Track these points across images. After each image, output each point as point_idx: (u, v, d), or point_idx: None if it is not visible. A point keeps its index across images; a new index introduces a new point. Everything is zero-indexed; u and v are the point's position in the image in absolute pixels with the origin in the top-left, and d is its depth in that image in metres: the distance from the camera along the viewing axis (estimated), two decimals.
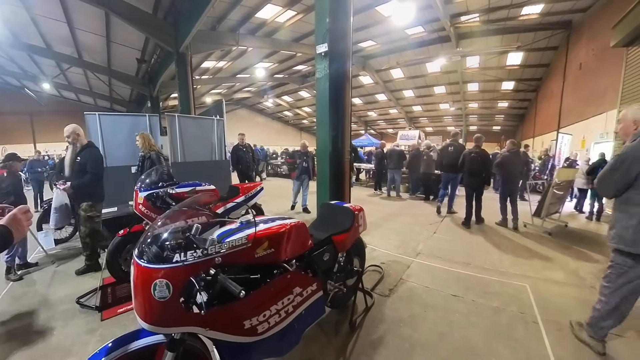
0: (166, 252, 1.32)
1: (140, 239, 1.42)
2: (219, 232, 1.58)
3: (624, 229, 1.99)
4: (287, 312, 1.63)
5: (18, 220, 1.06)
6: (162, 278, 1.23)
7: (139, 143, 4.25)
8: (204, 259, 1.33)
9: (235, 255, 1.45)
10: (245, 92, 23.96)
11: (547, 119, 15.40)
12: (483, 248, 4.62)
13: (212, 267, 1.33)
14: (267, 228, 1.69)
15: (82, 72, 14.17)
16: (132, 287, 1.30)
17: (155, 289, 1.22)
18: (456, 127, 28.15)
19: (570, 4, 10.12)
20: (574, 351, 2.24)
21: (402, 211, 7.31)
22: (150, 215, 3.16)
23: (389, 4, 9.96)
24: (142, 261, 1.29)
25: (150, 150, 4.21)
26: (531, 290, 3.22)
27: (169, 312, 1.24)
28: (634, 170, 1.91)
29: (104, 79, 14.82)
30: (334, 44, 3.61)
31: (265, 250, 1.59)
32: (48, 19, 8.73)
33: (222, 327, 1.37)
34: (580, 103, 11.08)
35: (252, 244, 1.50)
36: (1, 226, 1.02)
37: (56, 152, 19.65)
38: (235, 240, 1.45)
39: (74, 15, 8.40)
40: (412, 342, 2.29)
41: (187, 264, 1.28)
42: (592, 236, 5.45)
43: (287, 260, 1.74)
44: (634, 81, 6.91)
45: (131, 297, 2.84)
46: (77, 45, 10.80)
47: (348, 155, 4.09)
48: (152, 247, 1.36)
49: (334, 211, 2.68)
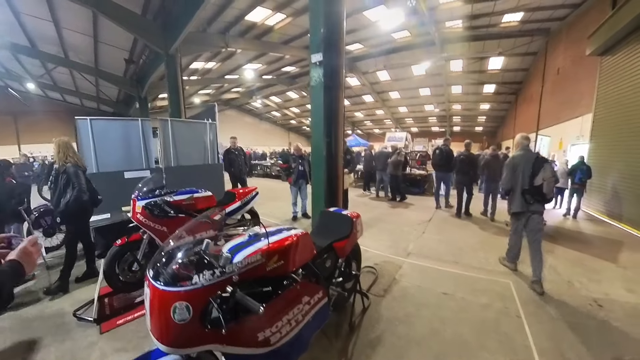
0: (184, 273, 1.31)
1: (154, 258, 1.42)
2: (229, 247, 1.59)
3: (512, 202, 3.67)
4: (297, 320, 1.66)
5: (29, 254, 1.04)
6: (182, 301, 1.22)
7: (53, 152, 3.41)
8: (223, 278, 1.34)
9: (250, 271, 1.47)
10: (233, 92, 23.77)
11: (527, 121, 16.07)
12: (469, 247, 4.85)
13: (230, 285, 1.34)
14: (276, 241, 1.71)
15: (68, 72, 13.75)
16: (148, 309, 1.29)
17: (175, 312, 1.21)
18: (440, 128, 29.10)
19: (548, 13, 10.66)
20: (553, 341, 2.45)
21: (391, 211, 7.53)
22: (149, 224, 3.12)
23: (377, 9, 10.20)
24: (159, 283, 1.27)
25: (65, 162, 3.29)
26: (514, 286, 3.45)
27: (188, 333, 1.24)
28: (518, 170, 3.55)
29: (90, 79, 14.40)
30: (328, 53, 3.73)
31: (275, 262, 1.62)
32: (33, 18, 8.46)
33: (238, 342, 1.38)
34: (558, 106, 11.66)
35: (265, 258, 1.54)
36: (13, 261, 0.99)
37: (41, 154, 19.00)
38: (252, 257, 1.47)
39: (60, 15, 8.18)
40: (408, 340, 2.44)
41: (207, 285, 1.28)
42: (568, 234, 5.80)
43: (294, 270, 1.77)
44: (607, 87, 7.40)
45: (130, 308, 2.88)
46: (63, 45, 10.50)
47: (342, 160, 4.22)
48: (168, 268, 1.34)
49: (333, 219, 2.76)
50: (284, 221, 6.45)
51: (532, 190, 3.41)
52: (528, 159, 3.50)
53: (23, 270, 1.00)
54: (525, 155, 3.58)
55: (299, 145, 6.90)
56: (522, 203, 3.50)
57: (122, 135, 5.00)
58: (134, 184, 4.65)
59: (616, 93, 6.96)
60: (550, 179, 3.32)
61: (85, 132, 4.60)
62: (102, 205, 4.51)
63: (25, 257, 1.02)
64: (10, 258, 1.00)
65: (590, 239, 5.51)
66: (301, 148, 6.84)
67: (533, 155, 3.57)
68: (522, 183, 3.49)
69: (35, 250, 1.08)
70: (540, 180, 3.35)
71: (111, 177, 4.67)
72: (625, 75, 6.58)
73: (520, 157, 3.58)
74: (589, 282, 3.61)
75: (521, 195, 3.49)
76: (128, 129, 5.08)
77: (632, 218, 6.00)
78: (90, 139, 4.63)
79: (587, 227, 6.42)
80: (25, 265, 1.01)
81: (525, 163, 3.49)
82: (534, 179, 3.38)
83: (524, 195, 3.47)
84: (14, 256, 1.01)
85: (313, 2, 3.79)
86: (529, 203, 3.46)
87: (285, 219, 6.58)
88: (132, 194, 3.31)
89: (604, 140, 7.57)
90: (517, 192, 3.53)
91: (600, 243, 5.19)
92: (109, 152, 4.86)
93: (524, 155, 3.60)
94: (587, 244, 5.10)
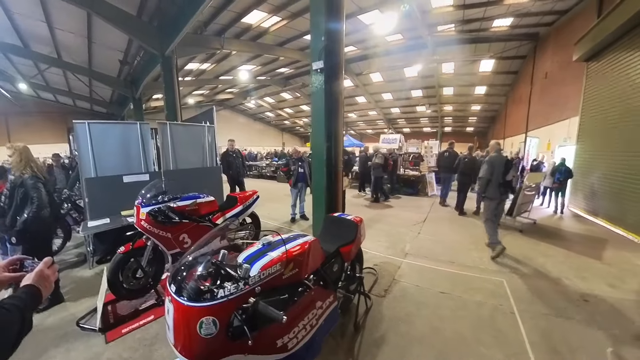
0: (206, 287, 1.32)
1: (173, 272, 1.44)
2: (244, 256, 1.62)
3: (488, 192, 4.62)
4: (311, 325, 1.72)
5: (46, 277, 0.99)
6: (209, 315, 1.23)
7: (11, 159, 2.98)
8: (247, 290, 1.37)
9: (270, 281, 1.51)
10: (227, 93, 23.65)
11: (516, 122, 16.49)
12: (463, 247, 5.03)
13: (252, 296, 1.37)
14: (291, 249, 1.75)
15: (61, 72, 13.48)
16: (172, 323, 1.29)
17: (202, 327, 1.22)
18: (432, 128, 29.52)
19: (536, 19, 10.99)
20: (544, 336, 2.62)
21: (387, 212, 7.70)
22: (153, 230, 3.13)
23: (371, 13, 10.36)
24: (183, 299, 1.28)
25: (23, 173, 2.91)
26: (507, 284, 3.63)
27: (213, 346, 1.26)
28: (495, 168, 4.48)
29: (84, 80, 14.15)
30: (328, 60, 3.83)
31: (291, 270, 1.67)
32: (26, 18, 8.29)
33: (259, 350, 1.42)
34: (546, 109, 12.02)
35: (283, 267, 1.60)
36: (30, 286, 0.93)
37: None
38: (271, 267, 1.52)
39: (54, 15, 8.04)
40: (410, 338, 2.57)
41: (232, 298, 1.30)
42: (556, 232, 6.06)
43: (307, 276, 1.84)
44: (593, 92, 7.71)
45: (135, 315, 2.97)
46: (56, 45, 10.29)
47: (342, 165, 4.33)
48: (191, 282, 1.35)
49: (338, 224, 2.85)
50: (283, 223, 6.54)
51: (505, 184, 4.53)
52: (501, 160, 4.62)
53: (41, 295, 0.94)
54: (499, 157, 4.68)
55: (296, 148, 6.97)
56: (497, 192, 4.57)
57: (120, 138, 4.97)
58: (133, 187, 4.71)
59: (601, 98, 7.27)
60: (517, 176, 4.64)
61: (83, 135, 4.57)
62: (101, 209, 4.55)
63: (42, 281, 0.96)
64: (26, 283, 0.94)
65: (575, 236, 5.77)
66: (299, 150, 6.90)
67: (504, 157, 4.78)
68: (497, 178, 4.54)
69: (52, 272, 1.03)
70: (511, 176, 4.55)
71: (110, 181, 4.64)
72: (609, 81, 6.88)
73: (496, 158, 4.67)
74: (576, 278, 3.81)
75: (497, 187, 4.55)
76: (126, 132, 5.06)
77: (613, 215, 6.32)
78: (89, 143, 4.61)
79: (572, 225, 6.71)
80: (42, 290, 0.95)
81: (499, 163, 4.55)
82: (506, 175, 4.50)
83: (499, 187, 4.54)
84: (30, 281, 0.94)
85: (315, 12, 3.89)
86: (502, 193, 4.59)
87: (284, 220, 6.68)
88: (135, 201, 3.30)
89: (589, 142, 7.89)
90: (493, 184, 4.58)
91: (584, 241, 5.45)
92: (107, 156, 4.82)
93: (498, 157, 4.69)
94: (572, 242, 5.36)
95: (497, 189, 4.55)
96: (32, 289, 0.93)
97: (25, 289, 0.92)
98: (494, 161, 4.60)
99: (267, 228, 5.71)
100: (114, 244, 4.19)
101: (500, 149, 4.88)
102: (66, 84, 15.88)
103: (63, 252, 4.75)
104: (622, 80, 6.38)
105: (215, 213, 3.92)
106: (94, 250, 4.22)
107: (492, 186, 4.58)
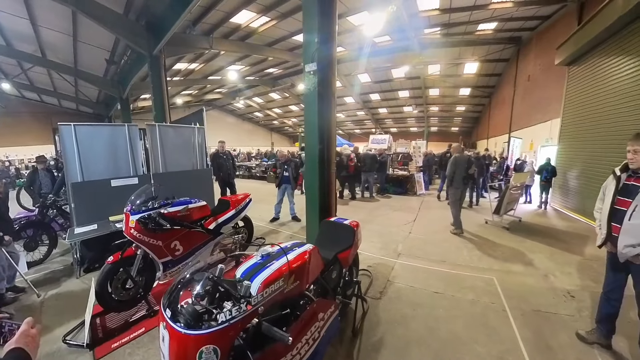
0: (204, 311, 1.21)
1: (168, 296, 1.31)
2: (242, 270, 1.51)
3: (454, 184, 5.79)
4: (314, 338, 1.64)
5: (32, 337, 0.92)
6: (209, 344, 1.12)
7: None
8: (249, 312, 1.26)
9: (273, 298, 1.41)
10: (216, 93, 23.30)
11: (500, 123, 16.99)
12: (453, 245, 5.15)
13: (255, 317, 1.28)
14: (292, 260, 1.64)
15: (46, 71, 12.95)
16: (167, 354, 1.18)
17: (202, 357, 1.11)
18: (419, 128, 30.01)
19: (519, 24, 11.35)
20: (536, 332, 2.71)
21: (377, 212, 7.81)
22: (143, 238, 2.98)
23: (360, 15, 10.44)
24: (180, 326, 1.15)
25: None
26: (498, 282, 3.74)
27: None
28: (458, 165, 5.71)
29: (69, 80, 13.63)
30: (321, 62, 3.84)
31: (292, 283, 1.57)
32: (8, 15, 7.92)
33: None
34: (529, 110, 12.45)
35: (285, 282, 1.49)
36: (18, 349, 0.85)
37: (17, 157, 17.97)
38: (274, 284, 1.41)
39: (37, 12, 7.72)
40: (407, 340, 2.60)
41: (234, 323, 1.19)
42: (541, 229, 6.28)
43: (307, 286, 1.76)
44: (574, 95, 8.04)
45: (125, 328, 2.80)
46: (40, 44, 9.89)
47: (334, 167, 4.34)
48: (187, 307, 1.23)
49: (334, 229, 2.80)
50: (269, 223, 6.58)
51: (467, 176, 5.84)
52: (464, 159, 5.90)
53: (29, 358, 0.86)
54: (462, 156, 5.96)
55: (282, 151, 6.96)
56: (461, 183, 5.78)
57: (107, 141, 4.80)
58: (122, 192, 4.57)
59: (581, 100, 7.59)
60: (475, 170, 6.18)
61: (69, 138, 4.39)
62: (88, 215, 4.38)
63: (29, 343, 0.89)
64: (12, 347, 0.85)
65: (559, 233, 6.00)
66: (285, 153, 6.91)
67: (466, 156, 6.09)
68: (461, 172, 5.73)
69: (37, 332, 0.95)
70: (472, 170, 5.93)
71: (97, 186, 4.47)
72: (589, 84, 7.20)
73: (460, 157, 5.89)
74: (562, 275, 3.97)
75: (461, 179, 5.75)
76: (114, 134, 4.89)
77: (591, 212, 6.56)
78: (75, 146, 4.44)
79: (555, 222, 6.97)
80: (30, 353, 0.87)
81: (463, 161, 5.80)
82: (469, 170, 5.79)
83: (464, 179, 5.78)
84: (15, 344, 0.86)
85: (307, 15, 3.88)
86: (465, 183, 5.86)
87: (275, 222, 6.69)
88: (124, 208, 3.12)
89: (570, 143, 8.22)
90: (459, 177, 5.75)
91: (567, 237, 5.66)
92: (94, 160, 4.64)
93: (462, 156, 5.94)
94: (556, 239, 5.57)
95: (461, 180, 5.75)
96: (20, 353, 0.85)
97: (12, 355, 0.84)
98: (458, 160, 5.82)
99: (258, 230, 5.67)
100: (102, 251, 4.05)
101: (463, 149, 6.56)
102: (51, 83, 15.31)
103: (49, 260, 4.55)
104: (601, 84, 6.68)
105: (208, 218, 3.82)
106: (81, 258, 4.06)
107: (457, 179, 5.75)
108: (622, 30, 5.81)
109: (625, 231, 2.16)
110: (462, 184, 5.80)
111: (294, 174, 6.61)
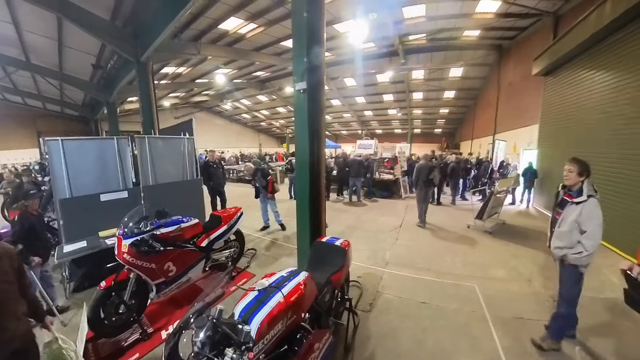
0: None
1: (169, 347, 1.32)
2: (240, 309, 1.49)
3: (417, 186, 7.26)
4: None
5: None
6: None
7: None
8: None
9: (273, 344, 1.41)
10: (204, 95, 23.00)
11: (485, 124, 17.47)
12: (437, 252, 5.32)
13: None
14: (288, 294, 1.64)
15: (30, 75, 12.53)
16: None
17: None
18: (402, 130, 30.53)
19: (499, 33, 11.79)
20: (516, 339, 2.88)
21: (365, 217, 7.94)
22: (136, 262, 2.98)
23: (345, 22, 10.60)
24: None
25: None
26: (479, 289, 3.90)
27: None
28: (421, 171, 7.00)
29: (54, 83, 13.22)
30: (310, 80, 3.93)
31: (289, 318, 1.58)
32: None
33: None
34: (512, 114, 12.90)
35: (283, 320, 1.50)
36: None
37: (0, 162, 17.36)
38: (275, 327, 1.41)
39: (21, 17, 7.52)
40: (397, 354, 2.72)
41: None
42: (524, 231, 6.55)
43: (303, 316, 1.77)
44: (550, 104, 8.48)
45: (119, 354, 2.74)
46: (24, 48, 9.60)
47: (324, 180, 4.44)
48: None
49: (326, 250, 2.83)
50: (256, 231, 6.58)
51: (428, 181, 6.87)
52: (427, 165, 6.99)
53: None
54: (426, 163, 7.09)
55: (250, 165, 6.91)
56: (424, 186, 6.82)
57: (96, 155, 4.74)
58: (111, 206, 4.56)
59: (557, 109, 8.00)
60: (436, 176, 7.00)
61: (56, 154, 4.33)
62: (78, 231, 4.32)
63: None
64: None
65: (542, 235, 6.11)
66: (251, 167, 6.79)
67: (429, 163, 7.17)
68: (423, 177, 6.87)
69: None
70: (432, 176, 6.87)
71: (86, 201, 4.42)
72: (564, 94, 7.61)
73: (424, 164, 7.10)
74: (545, 279, 4.13)
75: (423, 183, 6.85)
76: (102, 148, 4.83)
77: None
78: (62, 162, 4.37)
79: (537, 223, 7.27)
80: None
81: (425, 168, 6.91)
82: (430, 175, 6.82)
83: (424, 183, 6.84)
84: None
85: (296, 33, 3.96)
86: (426, 186, 6.88)
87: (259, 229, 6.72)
88: (116, 231, 3.11)
89: (547, 147, 8.66)
90: (421, 181, 6.91)
91: None
92: (82, 174, 4.57)
93: (425, 163, 7.13)
94: (539, 241, 5.65)
95: (423, 184, 6.87)
96: None
97: None
98: (422, 166, 7.07)
99: (248, 239, 5.69)
100: (93, 268, 4.02)
101: (430, 157, 8.46)
102: (35, 86, 14.82)
103: None
104: (574, 94, 7.07)
105: (200, 235, 3.85)
106: (70, 276, 4.01)
107: (421, 182, 6.91)
108: (595, 45, 6.15)
109: (555, 236, 2.71)
110: (425, 186, 6.89)
111: (262, 183, 6.40)
